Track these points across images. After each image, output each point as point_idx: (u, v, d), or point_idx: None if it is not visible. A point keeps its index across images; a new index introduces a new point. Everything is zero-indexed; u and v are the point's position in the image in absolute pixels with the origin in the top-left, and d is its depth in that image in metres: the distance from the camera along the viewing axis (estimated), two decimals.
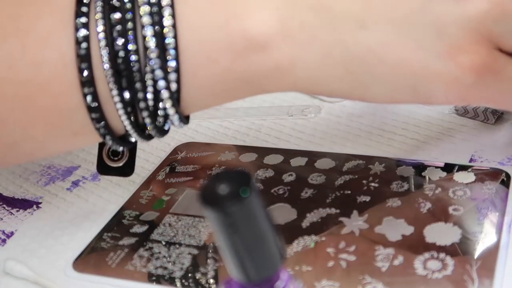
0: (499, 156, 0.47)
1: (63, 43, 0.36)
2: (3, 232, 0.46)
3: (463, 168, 0.46)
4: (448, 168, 0.46)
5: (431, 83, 0.36)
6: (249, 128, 0.54)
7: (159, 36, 0.35)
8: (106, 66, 0.35)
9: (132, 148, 0.45)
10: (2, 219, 0.47)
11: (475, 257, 0.38)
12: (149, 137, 0.39)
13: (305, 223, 0.43)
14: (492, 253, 0.39)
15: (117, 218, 0.46)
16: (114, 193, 0.49)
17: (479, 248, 0.39)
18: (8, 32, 0.37)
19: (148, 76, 0.36)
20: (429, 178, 0.45)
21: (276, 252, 0.29)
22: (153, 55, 0.35)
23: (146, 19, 0.35)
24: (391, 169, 0.46)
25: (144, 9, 0.35)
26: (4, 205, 0.49)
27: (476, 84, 0.35)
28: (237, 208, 0.27)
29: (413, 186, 0.45)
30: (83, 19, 0.36)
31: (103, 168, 0.45)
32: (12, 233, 0.46)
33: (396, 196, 0.44)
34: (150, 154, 0.53)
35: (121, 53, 0.35)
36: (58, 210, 0.48)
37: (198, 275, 0.40)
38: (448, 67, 0.35)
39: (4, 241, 0.45)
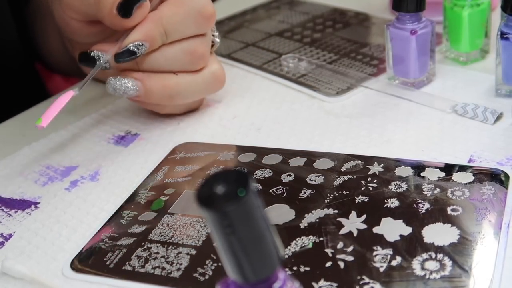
0: (498, 156, 0.47)
1: None
2: (1, 235, 0.46)
3: (462, 168, 0.46)
4: (447, 168, 0.46)
5: None
6: (248, 129, 0.54)
7: None
8: None
9: None
10: (0, 222, 0.47)
11: (473, 257, 0.38)
12: None
13: (303, 224, 0.43)
14: (490, 254, 0.39)
15: (116, 218, 0.46)
16: (113, 193, 0.49)
17: (477, 249, 0.39)
18: None
19: None
20: (427, 179, 0.45)
21: (274, 252, 0.29)
22: None
23: None
24: (390, 170, 0.46)
25: None
26: (3, 207, 0.49)
27: None
28: (234, 208, 0.27)
29: (412, 187, 0.44)
30: None
31: None
32: (10, 235, 0.46)
33: (395, 196, 0.44)
34: (149, 154, 0.53)
35: None
36: (56, 210, 0.48)
37: (196, 275, 0.40)
38: None
39: (2, 243, 0.45)
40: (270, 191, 0.46)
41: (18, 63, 0.69)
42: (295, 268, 0.39)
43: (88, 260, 0.42)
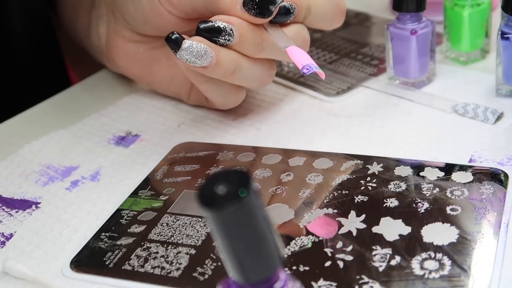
0: (498, 156, 0.47)
1: None
2: (2, 234, 0.46)
3: (462, 168, 0.46)
4: (447, 168, 0.46)
5: None
6: (248, 128, 0.54)
7: None
8: None
9: None
10: (1, 221, 0.47)
11: (473, 257, 0.38)
12: None
13: (302, 223, 0.43)
14: (489, 253, 0.39)
15: (115, 218, 0.46)
16: (113, 193, 0.49)
17: (477, 248, 0.39)
18: None
19: None
20: (427, 178, 0.45)
21: (275, 252, 0.29)
22: None
23: None
24: (389, 169, 0.46)
25: None
26: (4, 207, 0.49)
27: None
28: (235, 209, 0.27)
29: (411, 186, 0.45)
30: None
31: None
32: (11, 235, 0.46)
33: (394, 196, 0.44)
34: (150, 154, 0.53)
35: None
36: (57, 210, 0.48)
37: (195, 275, 0.40)
38: None
39: (3, 243, 0.45)
40: (270, 190, 0.46)
41: (47, 51, 0.69)
42: (294, 267, 0.39)
43: (88, 260, 0.43)
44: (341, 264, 0.39)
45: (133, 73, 0.58)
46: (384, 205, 0.43)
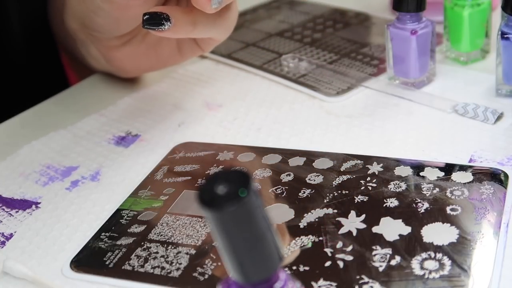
0: (498, 156, 0.47)
1: None
2: (2, 234, 0.46)
3: (462, 168, 0.46)
4: (447, 168, 0.46)
5: None
6: (249, 129, 0.54)
7: None
8: None
9: None
10: (1, 221, 0.47)
11: (473, 257, 0.38)
12: None
13: (302, 223, 0.43)
14: (489, 253, 0.39)
15: (115, 218, 0.46)
16: (113, 193, 0.49)
17: (477, 248, 0.39)
18: None
19: None
20: (427, 178, 0.45)
21: (275, 252, 0.29)
22: None
23: None
24: (389, 169, 0.46)
25: None
26: (4, 207, 0.49)
27: None
28: (235, 209, 0.27)
29: (411, 186, 0.45)
30: None
31: None
32: (11, 235, 0.46)
33: (394, 196, 0.44)
34: (149, 154, 0.53)
35: None
36: (57, 210, 0.48)
37: (195, 275, 0.40)
38: None
39: (3, 243, 0.45)
40: (270, 190, 0.46)
41: (45, 51, 0.69)
42: (294, 267, 0.39)
43: (88, 260, 0.43)
44: (341, 264, 0.39)
45: (146, 68, 0.59)
46: (384, 205, 0.43)
